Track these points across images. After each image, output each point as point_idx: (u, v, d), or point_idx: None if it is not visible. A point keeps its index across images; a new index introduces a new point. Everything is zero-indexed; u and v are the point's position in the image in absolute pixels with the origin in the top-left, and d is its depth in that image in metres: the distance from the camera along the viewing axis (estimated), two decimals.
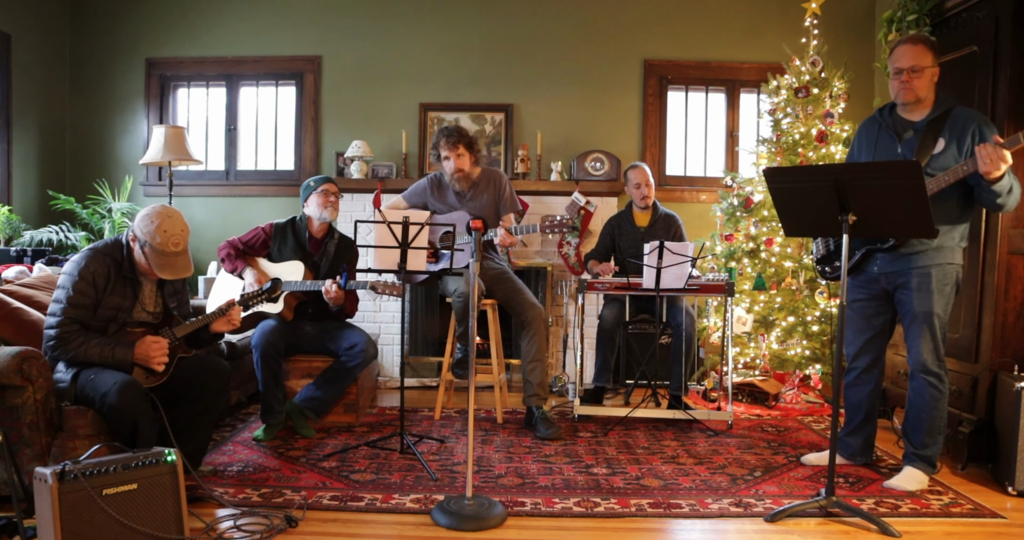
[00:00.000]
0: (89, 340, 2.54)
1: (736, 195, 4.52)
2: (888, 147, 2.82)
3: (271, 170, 5.26)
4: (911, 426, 2.87)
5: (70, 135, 5.19)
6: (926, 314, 2.76)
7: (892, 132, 2.82)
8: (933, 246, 2.74)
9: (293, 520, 2.41)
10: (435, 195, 3.83)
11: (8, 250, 4.20)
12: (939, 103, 2.75)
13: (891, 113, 2.86)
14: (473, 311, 2.71)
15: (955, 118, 2.70)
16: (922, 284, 2.75)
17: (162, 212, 2.61)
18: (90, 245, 2.68)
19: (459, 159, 3.67)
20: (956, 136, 2.68)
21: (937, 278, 2.75)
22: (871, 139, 2.89)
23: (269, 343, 3.41)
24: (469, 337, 2.81)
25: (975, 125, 2.67)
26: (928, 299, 2.75)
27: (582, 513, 2.58)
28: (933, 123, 2.72)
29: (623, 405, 4.15)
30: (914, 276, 2.77)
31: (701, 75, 5.14)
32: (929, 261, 2.75)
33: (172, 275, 2.63)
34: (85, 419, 2.55)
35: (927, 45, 2.70)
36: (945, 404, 2.82)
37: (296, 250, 3.62)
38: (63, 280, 2.58)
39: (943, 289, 2.76)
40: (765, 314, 4.34)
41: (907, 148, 2.76)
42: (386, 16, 5.08)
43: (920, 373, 2.80)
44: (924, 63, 2.69)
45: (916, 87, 2.70)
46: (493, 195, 3.79)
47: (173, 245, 2.59)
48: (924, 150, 2.70)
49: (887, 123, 2.85)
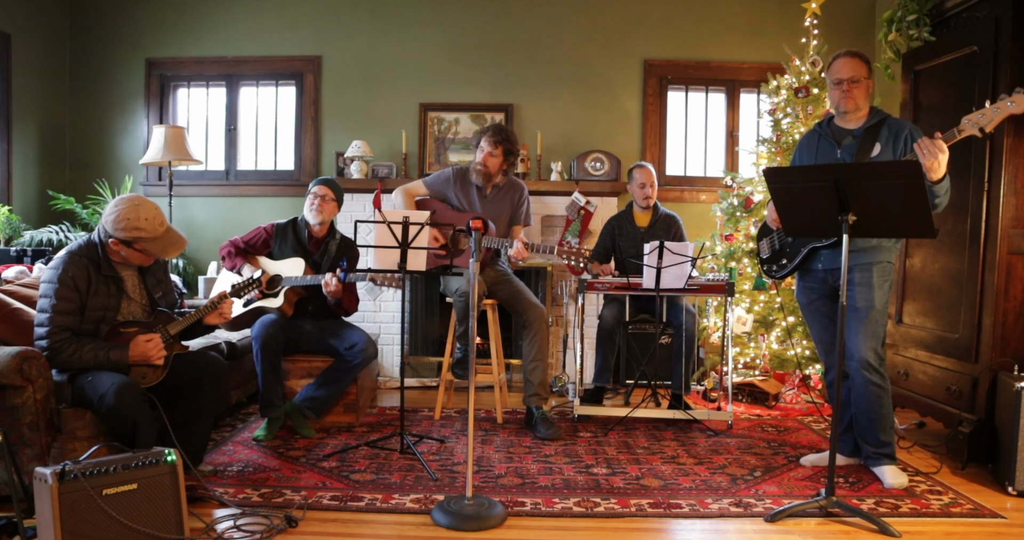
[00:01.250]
0: (82, 346, 2.53)
1: (736, 195, 4.52)
2: (828, 153, 2.98)
3: (271, 170, 5.26)
4: (864, 427, 2.94)
5: (70, 135, 5.19)
6: (867, 307, 2.85)
7: (831, 140, 2.97)
8: (872, 244, 2.87)
9: (293, 520, 2.41)
10: (458, 187, 3.84)
11: (8, 250, 4.20)
12: (874, 113, 2.93)
13: (829, 124, 3.03)
14: (473, 311, 2.71)
15: (890, 125, 2.87)
16: (863, 279, 2.87)
17: (128, 206, 2.56)
18: (64, 249, 2.65)
19: (491, 158, 3.72)
20: (891, 141, 2.83)
21: (877, 274, 2.87)
22: (811, 148, 3.05)
23: (269, 335, 3.41)
24: (469, 337, 2.81)
25: (907, 131, 2.83)
26: (869, 293, 2.85)
27: (582, 513, 2.58)
28: (870, 130, 2.88)
29: (623, 405, 4.14)
30: (856, 272, 2.88)
31: (701, 75, 5.14)
32: (869, 258, 2.87)
33: (176, 251, 2.67)
34: (84, 421, 2.55)
35: (863, 60, 2.91)
36: (889, 399, 2.91)
37: (297, 249, 3.62)
38: (45, 289, 2.55)
39: (883, 284, 2.88)
40: (765, 314, 4.34)
41: (846, 153, 2.91)
42: (386, 16, 5.08)
43: (863, 370, 2.86)
44: (861, 74, 2.87)
45: (856, 96, 2.88)
46: (511, 203, 3.83)
47: (159, 225, 2.59)
48: (863, 154, 2.85)
49: (826, 132, 3.01)
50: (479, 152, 3.75)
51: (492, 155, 3.72)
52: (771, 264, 3.20)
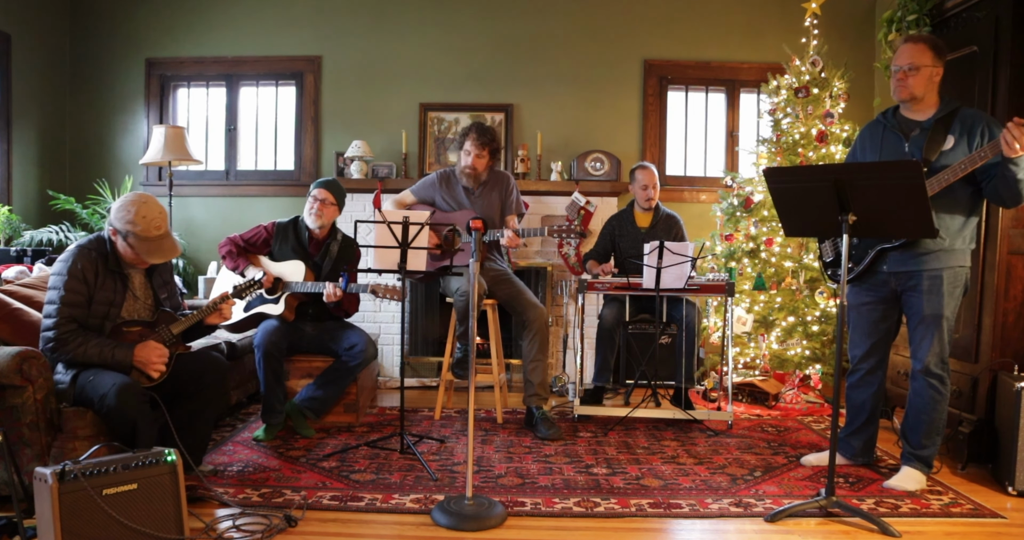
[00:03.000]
0: (88, 340, 2.54)
1: (736, 195, 4.52)
2: (895, 146, 2.82)
3: (271, 170, 5.26)
4: (910, 426, 2.87)
5: (70, 135, 5.19)
6: (935, 317, 2.75)
7: (898, 132, 2.81)
8: (945, 247, 2.73)
9: (293, 520, 2.41)
10: (444, 190, 3.85)
11: (8, 250, 4.20)
12: (945, 103, 2.76)
13: (895, 115, 2.87)
14: (473, 311, 2.71)
15: (963, 117, 2.71)
16: (933, 287, 2.74)
17: (136, 199, 2.59)
18: (74, 243, 2.68)
19: (478, 159, 3.73)
20: (966, 133, 2.68)
21: (948, 280, 2.74)
22: (875, 140, 2.89)
23: (271, 343, 3.40)
24: (469, 337, 2.81)
25: (983, 124, 2.67)
26: (939, 302, 2.74)
27: (582, 513, 2.58)
28: (941, 121, 2.72)
29: (623, 405, 4.14)
30: (925, 278, 2.75)
31: (701, 75, 5.14)
32: (941, 263, 2.74)
33: (161, 258, 2.64)
34: (84, 420, 2.55)
35: (928, 45, 2.71)
36: (945, 406, 2.82)
37: (296, 250, 3.61)
38: (54, 281, 2.57)
39: (953, 292, 2.76)
40: (765, 314, 4.34)
41: (915, 146, 2.75)
42: (386, 16, 5.08)
43: (923, 375, 2.79)
44: (921, 62, 2.69)
45: (911, 85, 2.72)
46: (500, 195, 3.83)
47: (155, 228, 2.59)
48: (933, 147, 2.69)
49: (892, 124, 2.84)
50: (465, 155, 3.75)
51: (479, 157, 3.73)
52: (836, 268, 3.02)
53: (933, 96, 2.77)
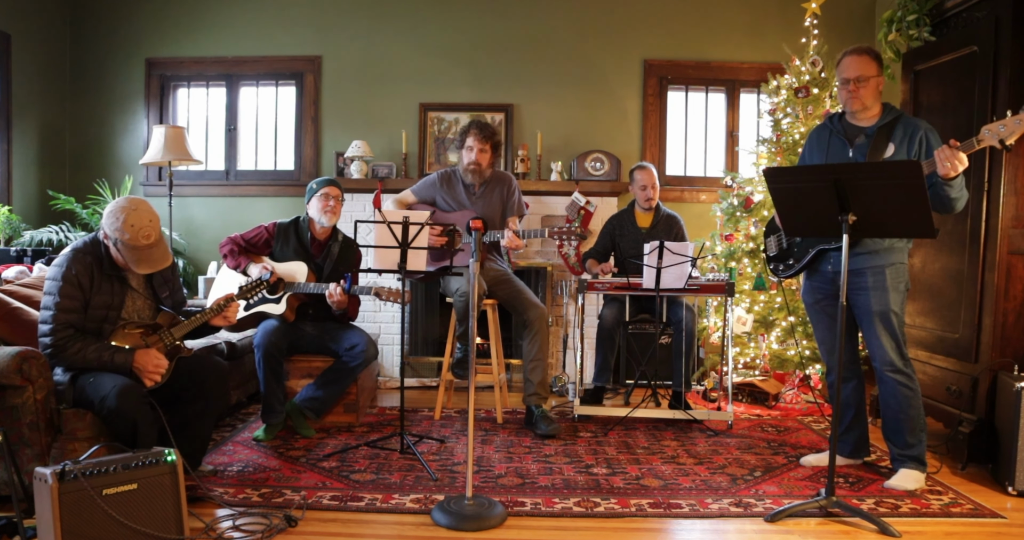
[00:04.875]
0: (87, 345, 2.52)
1: (736, 195, 4.52)
2: (840, 151, 2.91)
3: (271, 170, 5.26)
4: (892, 429, 2.90)
5: (70, 135, 5.19)
6: (883, 312, 2.81)
7: (843, 137, 2.90)
8: (884, 246, 2.81)
9: (293, 520, 2.41)
10: (445, 190, 3.85)
11: (8, 250, 4.20)
12: (887, 111, 2.85)
13: (841, 120, 2.96)
14: (473, 311, 2.71)
15: (904, 125, 2.80)
16: (878, 282, 2.81)
17: (126, 206, 2.53)
18: (69, 246, 2.64)
19: (481, 154, 3.72)
20: (907, 141, 2.77)
21: (891, 276, 2.81)
22: (822, 145, 2.98)
23: (271, 343, 3.40)
24: (469, 337, 2.81)
25: (923, 132, 2.76)
26: (885, 297, 2.81)
27: (582, 513, 2.58)
28: (883, 129, 2.81)
29: (623, 405, 4.14)
30: (870, 275, 2.82)
31: (701, 75, 5.14)
32: (883, 260, 2.82)
33: (149, 268, 2.56)
34: (84, 422, 2.55)
35: (871, 56, 2.82)
36: (919, 400, 2.85)
37: (298, 251, 3.61)
38: (49, 286, 2.54)
39: (897, 287, 2.83)
40: (765, 314, 4.34)
41: (859, 152, 2.84)
42: (386, 16, 5.08)
43: (889, 373, 2.83)
44: (869, 73, 2.79)
45: (862, 96, 2.81)
46: (502, 196, 3.83)
47: (144, 238, 2.51)
48: (876, 154, 2.79)
49: (838, 129, 2.94)
50: (467, 152, 3.73)
51: (483, 151, 3.72)
52: (778, 262, 3.15)
53: (877, 105, 2.87)
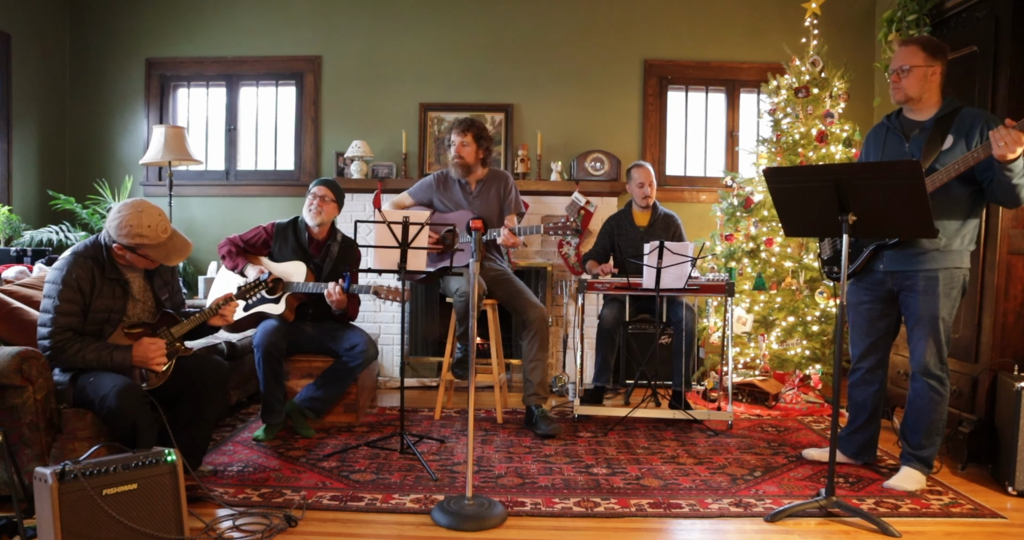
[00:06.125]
0: (85, 346, 2.52)
1: (736, 195, 4.52)
2: (896, 147, 2.85)
3: (271, 170, 5.26)
4: (910, 427, 2.87)
5: (70, 135, 5.19)
6: (931, 318, 2.75)
7: (899, 133, 2.85)
8: (941, 247, 2.73)
9: (293, 520, 2.41)
10: (441, 191, 3.85)
11: (8, 250, 4.20)
12: (947, 103, 2.78)
13: (898, 116, 2.90)
14: (473, 311, 2.71)
15: (963, 117, 2.72)
16: (928, 287, 2.74)
17: (131, 212, 2.54)
18: (70, 250, 2.65)
19: (463, 147, 3.71)
20: (964, 133, 2.69)
21: (944, 282, 2.74)
22: (879, 142, 2.92)
23: (271, 343, 3.40)
24: (469, 337, 2.81)
25: (982, 123, 2.68)
26: (934, 303, 2.74)
27: (582, 513, 2.57)
28: (941, 121, 2.74)
29: (623, 405, 4.14)
30: (921, 279, 2.76)
31: (701, 75, 5.14)
32: (937, 264, 2.74)
33: (181, 257, 2.64)
34: (84, 421, 2.55)
35: (919, 45, 2.75)
36: (945, 407, 2.82)
37: (296, 251, 3.61)
38: (48, 289, 2.54)
39: (949, 293, 2.75)
40: (765, 314, 4.34)
41: (915, 146, 2.77)
42: (386, 16, 5.08)
43: (922, 375, 2.80)
44: (913, 62, 2.74)
45: (904, 86, 2.77)
46: (498, 195, 3.82)
47: (163, 232, 2.57)
48: (932, 147, 2.71)
49: (894, 125, 2.88)
50: (451, 147, 3.75)
51: (464, 144, 3.71)
52: (833, 265, 3.05)
53: (933, 96, 2.78)
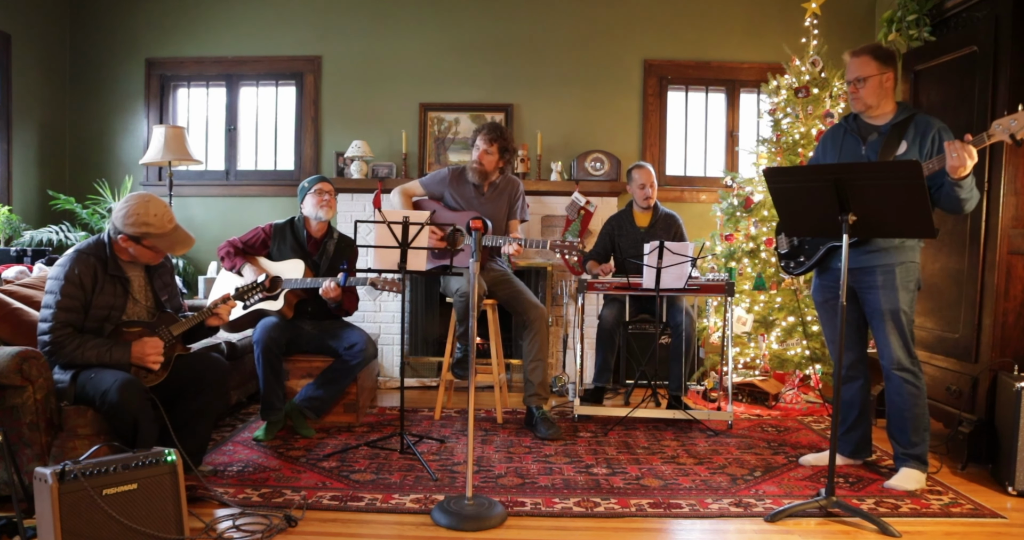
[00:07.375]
0: (85, 342, 2.53)
1: (736, 195, 4.52)
2: (852, 149, 2.90)
3: (271, 170, 5.26)
4: (896, 427, 2.89)
5: (70, 135, 5.19)
6: (893, 311, 2.80)
7: (856, 135, 2.90)
8: (895, 244, 2.80)
9: (293, 520, 2.41)
10: (454, 186, 3.86)
11: (8, 250, 4.20)
12: (902, 109, 2.84)
13: (856, 119, 2.96)
14: (473, 311, 2.71)
15: (917, 123, 2.78)
16: (887, 281, 2.81)
17: (138, 203, 2.59)
18: (73, 247, 2.68)
19: (486, 156, 3.75)
20: (919, 139, 2.76)
21: (901, 275, 2.80)
22: (836, 143, 2.98)
23: (271, 338, 3.41)
24: (469, 337, 2.81)
25: (936, 130, 2.74)
26: (894, 296, 2.80)
27: (582, 513, 2.58)
28: (896, 127, 2.80)
29: (623, 405, 4.14)
30: (879, 274, 2.82)
31: (701, 75, 5.14)
32: (892, 259, 2.80)
33: (185, 248, 2.68)
34: (85, 419, 2.55)
35: (870, 54, 2.80)
36: (924, 400, 2.85)
37: (295, 250, 3.62)
38: (50, 285, 2.57)
39: (907, 286, 2.82)
40: (765, 314, 4.34)
41: (871, 150, 2.84)
42: (386, 16, 5.08)
43: (895, 371, 2.83)
44: (867, 73, 2.79)
45: (863, 96, 2.82)
46: (508, 200, 3.85)
47: (168, 221, 2.62)
48: (888, 151, 2.78)
49: (852, 127, 2.94)
50: (475, 150, 3.77)
51: (488, 153, 3.74)
52: (789, 260, 3.14)
53: (889, 102, 2.85)
